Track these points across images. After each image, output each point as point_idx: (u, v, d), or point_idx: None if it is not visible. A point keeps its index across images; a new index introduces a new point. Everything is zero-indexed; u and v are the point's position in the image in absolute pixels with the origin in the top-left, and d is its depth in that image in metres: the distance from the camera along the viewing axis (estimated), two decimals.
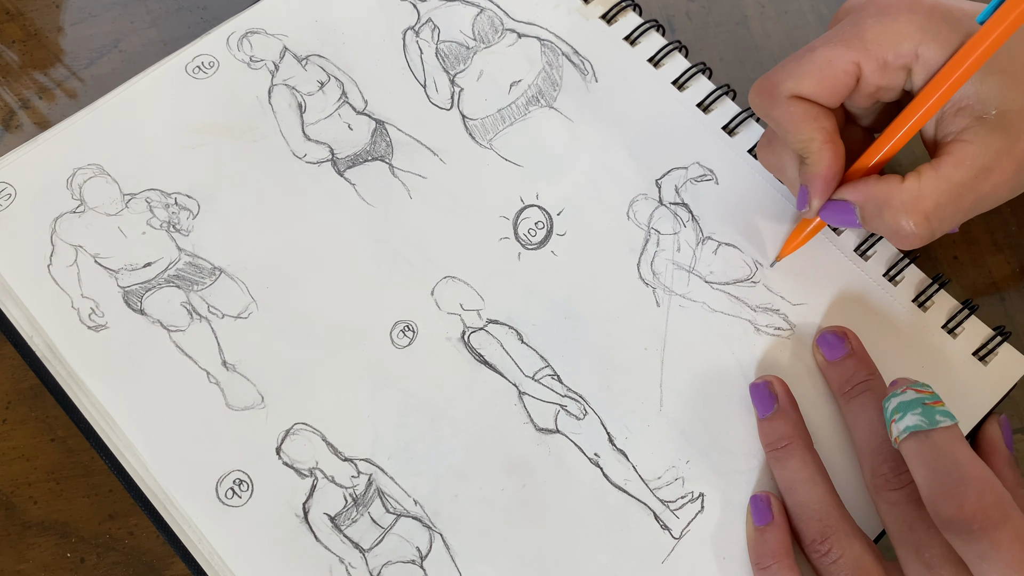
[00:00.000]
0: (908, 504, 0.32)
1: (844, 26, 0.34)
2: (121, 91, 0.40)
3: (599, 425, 0.36)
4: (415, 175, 0.39)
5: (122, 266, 0.37)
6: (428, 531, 0.34)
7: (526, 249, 0.38)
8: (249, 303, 0.37)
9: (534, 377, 0.36)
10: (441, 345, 0.37)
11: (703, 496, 0.35)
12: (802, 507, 0.33)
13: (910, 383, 0.32)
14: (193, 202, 0.38)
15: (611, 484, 0.35)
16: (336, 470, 0.35)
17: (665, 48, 0.42)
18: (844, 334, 0.36)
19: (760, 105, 0.35)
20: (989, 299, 0.41)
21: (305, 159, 0.39)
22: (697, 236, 0.39)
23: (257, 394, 0.35)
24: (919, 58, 0.33)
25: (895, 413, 0.31)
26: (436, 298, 0.37)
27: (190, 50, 0.41)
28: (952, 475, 0.29)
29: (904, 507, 0.32)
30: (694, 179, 0.40)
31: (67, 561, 0.36)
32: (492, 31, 0.42)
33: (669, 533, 0.35)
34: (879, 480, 0.33)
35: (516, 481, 0.35)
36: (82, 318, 0.36)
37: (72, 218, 0.38)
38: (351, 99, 0.40)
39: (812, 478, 0.34)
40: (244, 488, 0.34)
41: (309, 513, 0.34)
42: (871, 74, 0.33)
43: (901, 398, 0.32)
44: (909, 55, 0.33)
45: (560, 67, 0.42)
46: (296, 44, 0.41)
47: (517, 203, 0.39)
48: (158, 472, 0.34)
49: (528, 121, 0.41)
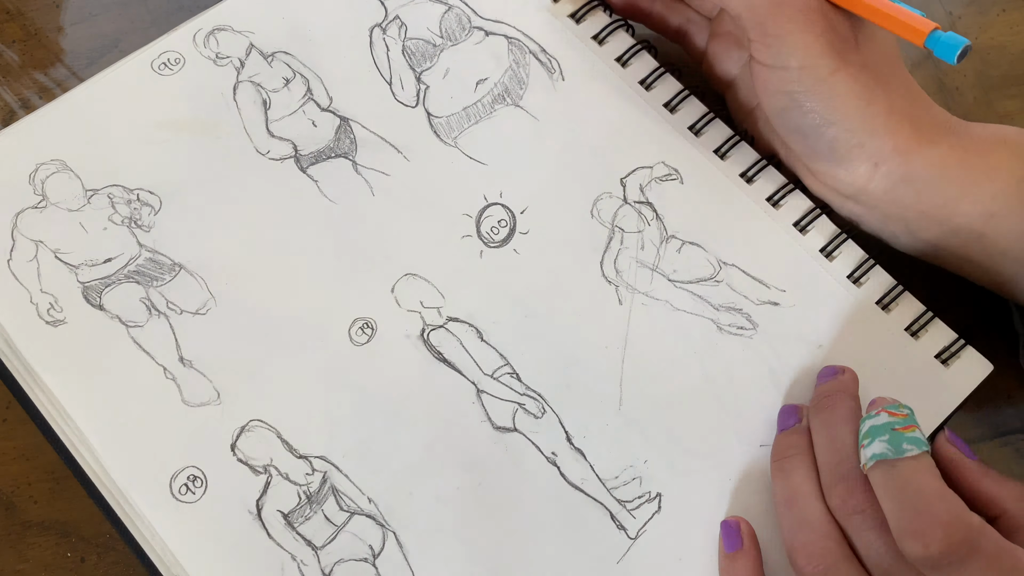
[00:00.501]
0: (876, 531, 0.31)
1: None
2: (86, 86, 0.40)
3: (557, 424, 0.36)
4: (378, 172, 0.39)
5: (82, 261, 0.37)
6: (381, 529, 0.34)
7: (488, 247, 0.38)
8: (208, 299, 0.37)
9: (493, 375, 0.36)
10: (400, 343, 0.36)
11: (660, 496, 0.35)
12: (801, 523, 0.32)
13: (886, 404, 0.31)
14: (155, 198, 0.38)
15: (568, 483, 0.35)
16: (290, 467, 0.34)
17: (633, 48, 0.42)
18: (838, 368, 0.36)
19: None
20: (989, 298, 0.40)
21: (268, 156, 0.39)
22: (661, 235, 0.39)
23: (213, 390, 0.35)
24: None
25: (865, 438, 0.31)
26: (396, 295, 0.37)
27: (156, 46, 0.41)
28: (918, 510, 0.28)
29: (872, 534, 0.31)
30: (659, 178, 0.40)
31: (67, 561, 0.36)
32: (459, 29, 0.42)
33: (625, 533, 0.34)
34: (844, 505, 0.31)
35: (472, 480, 0.35)
36: (40, 313, 0.36)
37: (33, 213, 0.38)
38: (316, 96, 0.40)
39: (816, 493, 0.33)
40: (198, 484, 0.34)
41: (262, 510, 0.34)
42: None
43: (873, 421, 0.31)
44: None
45: (527, 65, 0.41)
46: (262, 41, 0.41)
47: (480, 201, 0.39)
48: (112, 467, 0.34)
49: (494, 119, 0.40)
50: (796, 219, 0.39)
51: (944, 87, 0.47)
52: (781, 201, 0.40)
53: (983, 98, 0.47)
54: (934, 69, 0.47)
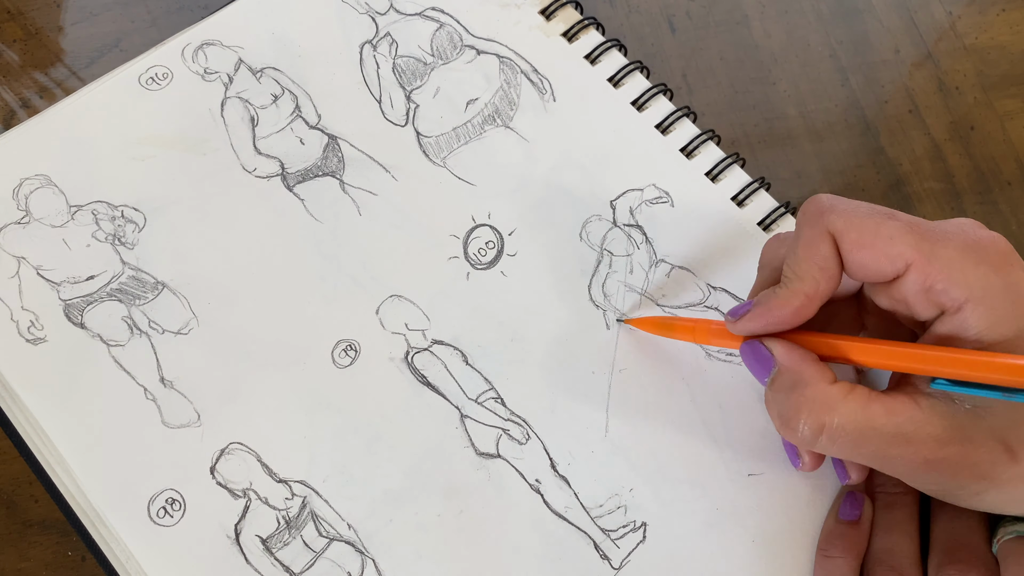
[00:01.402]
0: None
1: (935, 228, 0.30)
2: (72, 100, 0.39)
3: (542, 450, 0.35)
4: (366, 191, 0.39)
5: (64, 279, 0.37)
6: (361, 556, 0.33)
7: (475, 269, 0.38)
8: (190, 319, 0.36)
9: (477, 400, 0.36)
10: (383, 365, 0.36)
11: (645, 525, 0.34)
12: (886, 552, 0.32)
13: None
14: (140, 215, 0.38)
15: (551, 511, 0.34)
16: (270, 491, 0.34)
17: (625, 68, 0.41)
18: None
19: (803, 212, 0.31)
20: None
21: (255, 173, 0.39)
22: (650, 258, 0.38)
23: (194, 412, 0.35)
24: (959, 312, 0.29)
25: None
26: (381, 317, 0.37)
27: (144, 60, 0.40)
28: None
29: None
30: (649, 201, 0.39)
31: (68, 560, 0.36)
32: (451, 47, 0.41)
33: (609, 563, 0.34)
34: None
35: (454, 506, 0.34)
36: (20, 331, 0.36)
37: (16, 229, 0.37)
38: (304, 113, 0.40)
39: (911, 533, 0.33)
40: (176, 507, 0.34)
41: (241, 534, 0.33)
42: (911, 285, 0.29)
43: None
44: (955, 302, 0.29)
45: (518, 85, 0.41)
46: (251, 56, 0.41)
47: (468, 222, 0.39)
48: (89, 488, 0.33)
49: (483, 140, 0.40)
50: None
51: (944, 87, 0.47)
52: (772, 225, 0.39)
53: (983, 98, 0.46)
54: (935, 69, 0.47)
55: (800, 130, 0.46)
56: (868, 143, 0.46)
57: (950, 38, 0.48)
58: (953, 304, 0.29)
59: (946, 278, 0.29)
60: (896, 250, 0.29)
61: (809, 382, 0.30)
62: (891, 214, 0.30)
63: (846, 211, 0.30)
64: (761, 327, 0.31)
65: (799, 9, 0.47)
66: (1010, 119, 0.46)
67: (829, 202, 0.31)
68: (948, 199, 0.45)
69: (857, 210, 0.30)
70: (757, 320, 0.31)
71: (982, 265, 0.29)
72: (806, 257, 0.30)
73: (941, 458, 0.29)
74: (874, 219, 0.30)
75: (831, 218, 0.30)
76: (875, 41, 0.48)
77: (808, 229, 0.31)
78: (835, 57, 0.47)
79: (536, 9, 0.42)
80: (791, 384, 0.30)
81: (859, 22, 0.48)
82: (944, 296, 0.29)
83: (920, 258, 0.29)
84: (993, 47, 0.48)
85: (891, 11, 0.49)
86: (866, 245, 0.29)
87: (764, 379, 0.31)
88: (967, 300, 0.29)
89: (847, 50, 0.48)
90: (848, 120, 0.46)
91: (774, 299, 0.31)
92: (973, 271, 0.29)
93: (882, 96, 0.47)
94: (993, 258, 0.29)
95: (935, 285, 0.29)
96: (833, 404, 0.29)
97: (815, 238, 0.30)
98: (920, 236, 0.29)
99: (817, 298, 0.30)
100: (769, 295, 0.31)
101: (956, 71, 0.47)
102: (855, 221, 0.30)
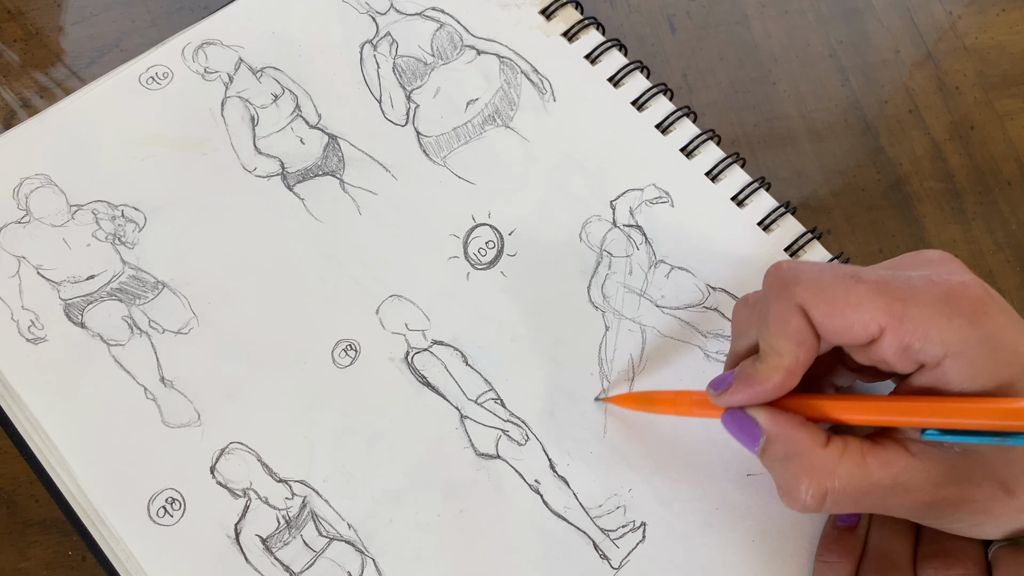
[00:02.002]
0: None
1: (903, 283, 0.29)
2: (72, 100, 0.39)
3: (541, 451, 0.35)
4: (366, 191, 0.39)
5: (65, 278, 0.37)
6: (361, 556, 0.33)
7: (475, 269, 0.38)
8: (190, 318, 0.36)
9: (477, 401, 0.36)
10: (383, 366, 0.36)
11: (645, 525, 0.35)
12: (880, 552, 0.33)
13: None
14: (140, 214, 0.38)
15: (551, 511, 0.34)
16: (270, 491, 0.34)
17: (625, 68, 0.41)
18: None
19: (768, 286, 0.30)
20: None
21: (255, 173, 0.39)
22: (650, 259, 0.38)
23: (194, 411, 0.35)
24: (939, 367, 0.28)
25: None
26: (381, 317, 0.37)
27: (144, 60, 0.40)
28: None
29: None
30: (649, 201, 0.39)
31: (69, 559, 0.36)
32: (451, 47, 0.41)
33: (608, 563, 0.34)
34: None
35: (453, 507, 0.34)
36: (21, 330, 0.36)
37: (17, 228, 0.37)
38: (304, 112, 0.40)
39: (905, 533, 0.33)
40: (176, 507, 0.34)
41: (241, 534, 0.33)
42: (887, 347, 0.29)
43: None
44: (933, 358, 0.28)
45: (518, 85, 0.41)
46: (252, 56, 0.41)
47: (468, 222, 0.39)
48: (89, 488, 0.34)
49: (484, 140, 0.40)
50: (787, 244, 0.39)
51: (944, 87, 0.47)
52: (772, 225, 0.39)
53: (983, 98, 0.46)
54: (935, 69, 0.47)
55: (800, 130, 0.46)
56: (868, 143, 0.46)
57: (950, 38, 0.48)
58: (932, 360, 0.28)
59: (922, 337, 0.28)
60: (867, 316, 0.28)
61: (803, 451, 0.29)
62: (856, 276, 0.29)
63: (811, 281, 0.29)
64: (745, 401, 0.31)
65: (799, 9, 0.47)
66: (1010, 119, 0.46)
67: (793, 272, 0.30)
68: (948, 199, 0.45)
69: (822, 277, 0.29)
70: (740, 394, 0.31)
71: (956, 318, 0.28)
72: (779, 332, 0.30)
73: (939, 500, 0.29)
74: (841, 286, 0.29)
75: (797, 291, 0.29)
76: (875, 41, 0.48)
77: (776, 303, 0.30)
78: (835, 57, 0.47)
79: (536, 9, 0.42)
80: (785, 454, 0.30)
81: (859, 22, 0.48)
82: (922, 354, 0.28)
83: (893, 321, 0.28)
84: (993, 47, 0.48)
85: (891, 11, 0.49)
86: (836, 315, 0.29)
87: (752, 448, 0.31)
88: (945, 356, 0.28)
89: (847, 50, 0.48)
90: (848, 120, 0.46)
91: (755, 373, 0.30)
92: (948, 326, 0.28)
93: (882, 96, 0.47)
94: (967, 308, 0.28)
95: (912, 344, 0.28)
96: (832, 469, 0.29)
97: (785, 313, 0.29)
98: (890, 297, 0.28)
99: (798, 369, 0.30)
100: (749, 369, 0.30)
101: (956, 71, 0.47)
102: (822, 292, 0.29)
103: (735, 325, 0.33)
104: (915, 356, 0.28)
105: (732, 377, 0.31)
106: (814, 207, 0.45)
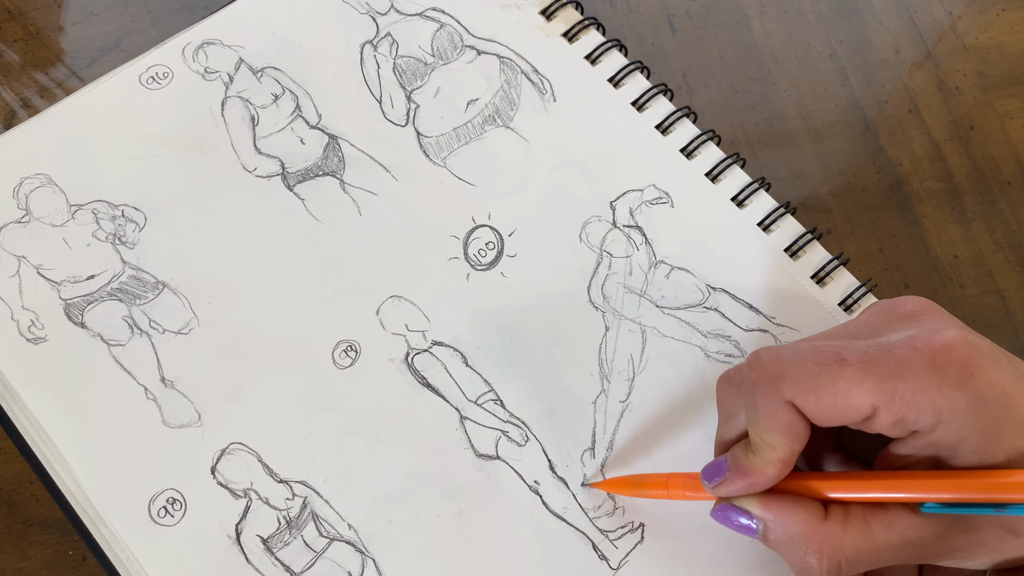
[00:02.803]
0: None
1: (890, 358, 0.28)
2: (73, 100, 0.39)
3: (540, 452, 0.35)
4: (366, 191, 0.39)
5: (65, 278, 0.37)
6: (361, 556, 0.34)
7: (475, 270, 0.38)
8: (191, 319, 0.36)
9: (477, 402, 0.36)
10: (384, 366, 0.36)
11: (643, 526, 0.35)
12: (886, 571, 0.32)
13: None
14: (140, 214, 0.38)
15: (550, 512, 0.35)
16: (271, 491, 0.34)
17: (625, 68, 0.41)
18: None
19: (753, 382, 0.30)
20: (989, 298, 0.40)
21: (255, 173, 0.39)
22: (650, 260, 0.38)
23: (194, 412, 0.35)
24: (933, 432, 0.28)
25: None
26: (381, 318, 0.37)
27: (145, 60, 0.40)
28: None
29: None
30: (649, 201, 0.39)
31: (69, 559, 0.36)
32: (451, 47, 0.41)
33: (607, 564, 0.34)
34: None
35: (453, 507, 0.34)
36: (21, 330, 0.36)
37: (17, 228, 0.37)
38: (305, 113, 0.40)
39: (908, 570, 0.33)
40: (177, 507, 0.34)
41: (241, 534, 0.33)
42: (881, 423, 0.29)
43: None
44: (927, 427, 0.28)
45: (519, 86, 0.41)
46: (252, 56, 0.41)
47: (468, 222, 0.39)
48: (90, 488, 0.34)
49: (484, 140, 0.40)
50: (787, 244, 0.39)
51: (944, 87, 0.47)
52: (772, 226, 0.39)
53: (983, 98, 0.46)
54: (935, 69, 0.47)
55: (800, 130, 0.46)
56: (868, 143, 0.46)
57: (950, 38, 0.48)
58: (925, 427, 0.28)
59: (914, 410, 0.28)
60: (859, 402, 0.28)
61: (805, 530, 0.29)
62: (840, 359, 0.28)
63: (795, 373, 0.29)
64: (741, 492, 0.30)
65: (799, 9, 0.47)
66: (1010, 119, 0.46)
67: (776, 367, 0.29)
68: (948, 199, 0.45)
69: (806, 369, 0.29)
70: (735, 485, 0.30)
71: (945, 387, 0.28)
72: (771, 428, 0.29)
73: (949, 549, 0.29)
74: (828, 375, 0.28)
75: (784, 387, 0.29)
76: (875, 41, 0.48)
77: (764, 400, 0.29)
78: (835, 57, 0.47)
79: (536, 9, 0.42)
80: (787, 537, 0.29)
81: (859, 22, 0.48)
82: (915, 424, 0.28)
83: (884, 400, 0.28)
84: (993, 47, 0.48)
85: (891, 11, 0.49)
86: (827, 406, 0.28)
87: (753, 535, 0.30)
88: (938, 423, 0.28)
89: (847, 50, 0.48)
90: (848, 120, 0.46)
91: (750, 467, 0.30)
92: (938, 395, 0.28)
93: (882, 96, 0.47)
94: (954, 373, 0.28)
95: (906, 417, 0.28)
96: (838, 541, 0.29)
97: (774, 410, 0.29)
98: (879, 377, 0.28)
99: (792, 459, 0.30)
100: (744, 461, 0.30)
101: (956, 71, 0.47)
102: (809, 384, 0.28)
103: (722, 407, 0.33)
104: (908, 427, 0.28)
105: (725, 466, 0.31)
106: (814, 207, 0.45)
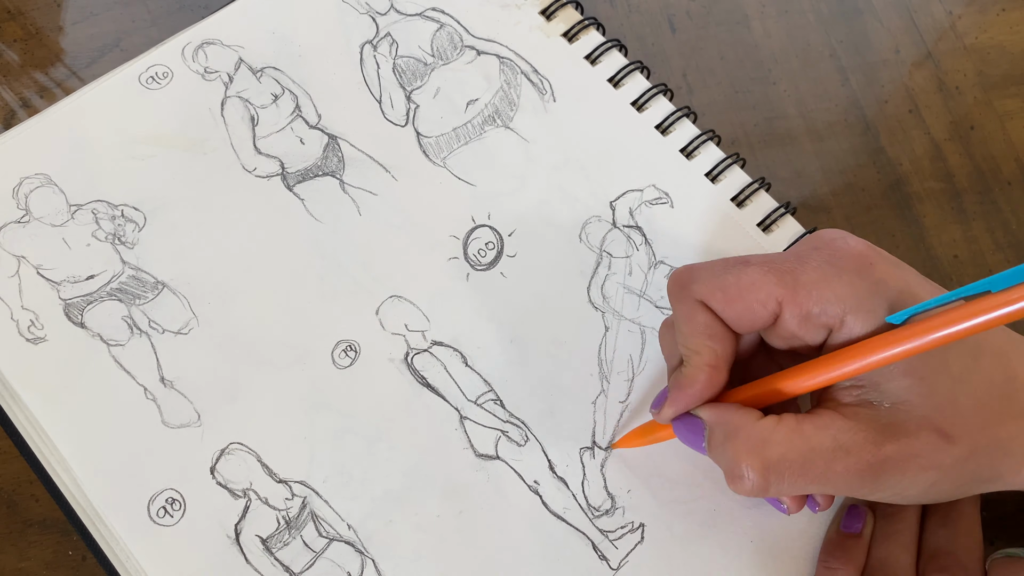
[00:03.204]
0: None
1: (790, 257, 0.31)
2: (72, 100, 0.39)
3: (540, 452, 0.35)
4: (366, 191, 0.39)
5: (65, 278, 0.37)
6: (360, 556, 0.34)
7: (475, 270, 0.38)
8: (190, 319, 0.36)
9: (476, 402, 0.36)
10: (383, 366, 0.36)
11: (643, 527, 0.35)
12: (882, 563, 0.33)
13: None
14: (140, 214, 0.38)
15: (550, 512, 0.35)
16: (270, 491, 0.34)
17: (625, 68, 0.41)
18: None
19: (670, 293, 0.32)
20: None
21: (255, 173, 0.39)
22: (650, 260, 0.38)
23: (194, 412, 0.35)
24: (843, 325, 0.29)
25: None
26: (381, 318, 0.37)
27: (144, 60, 0.40)
28: None
29: None
30: (649, 202, 0.39)
31: (69, 559, 0.36)
32: (451, 47, 0.41)
33: (607, 564, 0.34)
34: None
35: (453, 507, 0.34)
36: (21, 330, 0.36)
37: (16, 228, 0.37)
38: (304, 113, 0.40)
39: (908, 545, 0.33)
40: (176, 507, 0.34)
41: (241, 534, 0.33)
42: (790, 319, 0.30)
43: None
44: (835, 318, 0.29)
45: (518, 86, 0.41)
46: (252, 56, 0.41)
47: (468, 223, 0.39)
48: (89, 488, 0.34)
49: (484, 140, 0.40)
50: (787, 244, 0.39)
51: (944, 87, 0.46)
52: (772, 226, 0.39)
53: (983, 98, 0.46)
54: (935, 69, 0.47)
55: (800, 130, 0.46)
56: (868, 143, 0.46)
57: (950, 38, 0.48)
58: (835, 320, 0.29)
59: (817, 300, 0.29)
60: (763, 294, 0.30)
61: (739, 426, 0.30)
62: (745, 261, 0.31)
63: (704, 276, 0.31)
64: (682, 408, 0.32)
65: (799, 9, 0.47)
66: (1010, 119, 0.46)
67: (687, 272, 0.31)
68: (948, 199, 0.45)
69: (714, 270, 0.31)
70: (676, 403, 0.32)
71: (844, 275, 0.29)
72: (691, 332, 0.31)
73: (883, 459, 0.29)
74: (732, 273, 0.30)
75: (694, 288, 0.31)
76: (875, 41, 0.48)
77: (680, 305, 0.31)
78: (835, 57, 0.47)
79: (536, 9, 0.42)
80: (723, 437, 0.30)
81: (859, 22, 0.48)
82: (824, 317, 0.29)
83: (787, 292, 0.29)
84: (993, 47, 0.48)
85: (891, 11, 0.48)
86: (733, 299, 0.30)
87: (701, 446, 0.31)
88: (845, 312, 0.29)
89: (847, 50, 0.48)
90: (848, 120, 0.46)
91: (682, 379, 0.31)
92: (839, 284, 0.29)
93: (882, 96, 0.47)
94: (851, 264, 0.30)
95: (811, 311, 0.29)
96: (767, 436, 0.29)
97: (689, 311, 0.31)
98: (780, 272, 0.30)
99: (721, 363, 0.31)
100: (678, 376, 0.32)
101: (956, 71, 0.47)
102: (716, 282, 0.30)
103: (663, 349, 0.34)
104: (818, 321, 0.29)
105: (662, 394, 0.32)
106: (814, 207, 0.45)
